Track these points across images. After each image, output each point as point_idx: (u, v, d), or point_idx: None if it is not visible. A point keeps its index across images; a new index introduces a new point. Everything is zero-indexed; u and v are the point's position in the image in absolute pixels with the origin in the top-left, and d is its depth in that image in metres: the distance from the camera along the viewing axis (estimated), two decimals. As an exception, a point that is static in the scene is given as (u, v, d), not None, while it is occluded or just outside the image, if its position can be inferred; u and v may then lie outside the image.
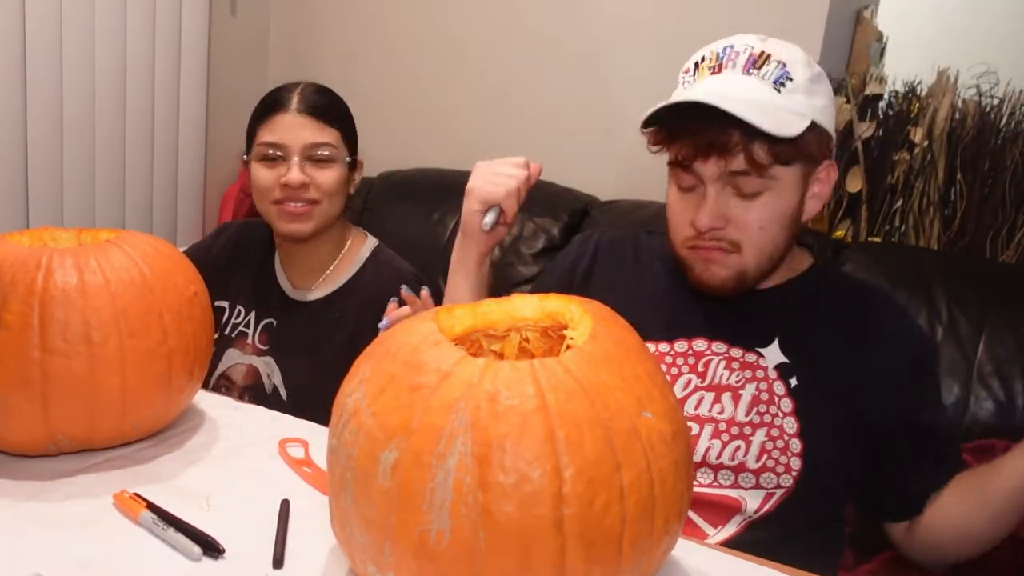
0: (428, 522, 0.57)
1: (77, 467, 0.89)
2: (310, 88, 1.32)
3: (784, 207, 0.95)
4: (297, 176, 1.26)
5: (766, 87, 0.91)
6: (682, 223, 0.97)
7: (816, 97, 0.93)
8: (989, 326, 1.53)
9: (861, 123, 1.80)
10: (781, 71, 0.91)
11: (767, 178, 0.92)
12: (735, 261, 0.96)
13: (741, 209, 0.94)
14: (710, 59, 0.95)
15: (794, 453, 0.95)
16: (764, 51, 0.93)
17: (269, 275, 1.41)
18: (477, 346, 0.76)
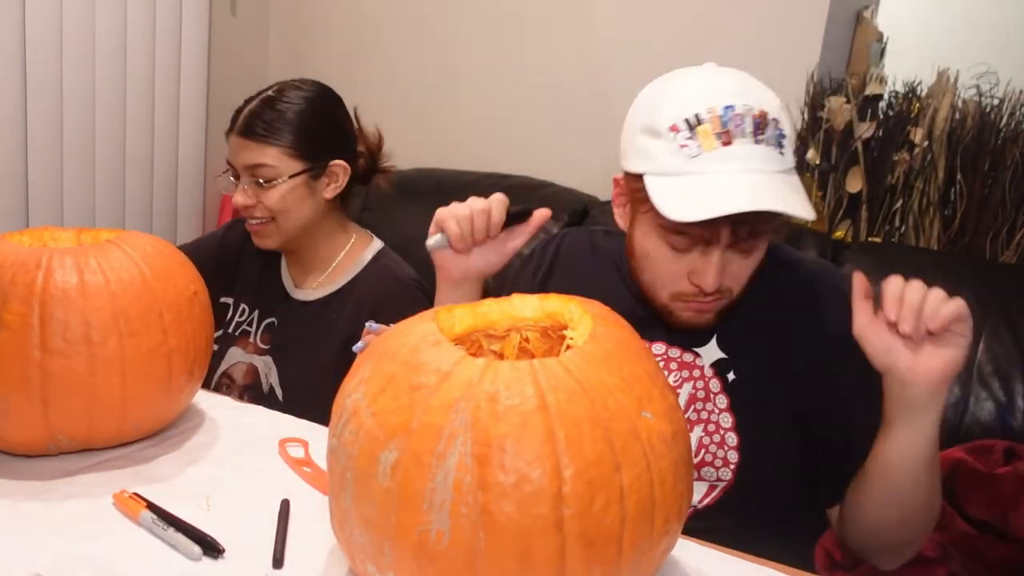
0: (428, 522, 0.57)
1: (77, 467, 0.89)
2: (261, 103, 1.28)
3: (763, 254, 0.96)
4: (239, 199, 1.28)
5: (774, 154, 0.88)
6: (675, 279, 0.95)
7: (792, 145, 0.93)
8: (989, 326, 1.53)
9: (861, 123, 1.80)
10: (777, 130, 0.89)
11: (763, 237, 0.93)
12: (724, 303, 0.96)
13: (739, 264, 0.93)
14: (712, 124, 0.88)
15: (731, 447, 0.97)
16: (761, 111, 0.89)
17: (274, 274, 1.41)
18: (477, 346, 0.76)
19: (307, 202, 1.30)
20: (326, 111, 1.33)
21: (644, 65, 2.05)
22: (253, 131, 1.26)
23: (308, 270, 1.38)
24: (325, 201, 1.32)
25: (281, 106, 1.28)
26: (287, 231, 1.30)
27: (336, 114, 1.35)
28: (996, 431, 1.46)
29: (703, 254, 0.91)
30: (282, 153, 1.26)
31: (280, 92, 1.30)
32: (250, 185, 1.27)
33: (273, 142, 1.26)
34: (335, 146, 1.32)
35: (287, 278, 1.40)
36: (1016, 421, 1.47)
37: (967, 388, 1.51)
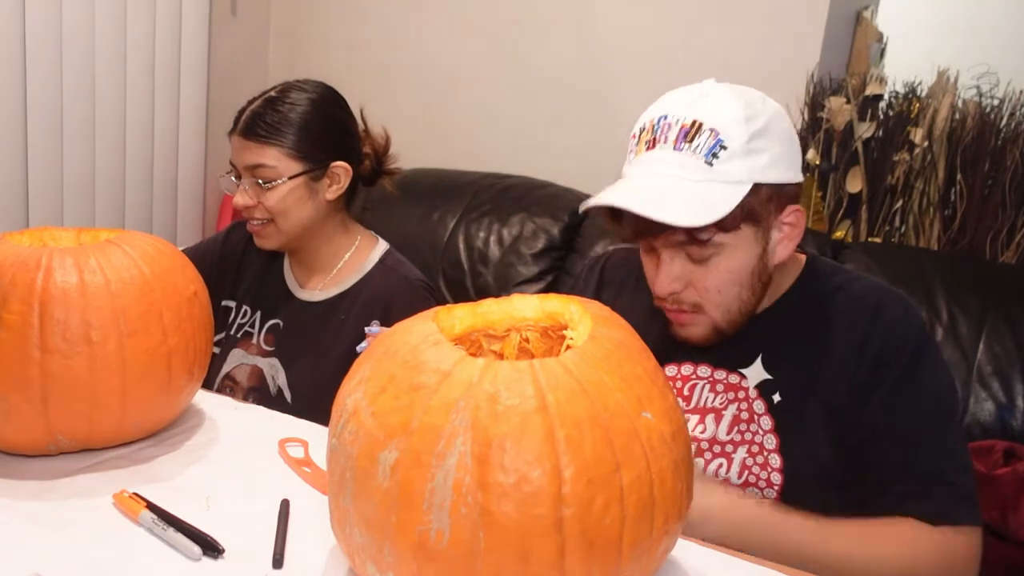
0: (428, 522, 0.57)
1: (77, 467, 0.89)
2: (263, 103, 1.28)
3: (740, 267, 0.94)
4: (240, 199, 1.28)
5: (697, 162, 0.89)
6: (650, 280, 0.98)
7: (758, 156, 0.91)
8: (989, 326, 1.53)
9: (861, 123, 1.80)
10: (714, 141, 0.89)
11: (713, 246, 0.92)
12: (702, 320, 0.96)
13: (697, 274, 0.94)
14: (647, 131, 0.93)
15: (774, 468, 0.95)
16: (696, 120, 0.90)
17: (277, 275, 1.41)
18: (477, 346, 0.76)
19: (307, 203, 1.30)
20: (329, 112, 1.32)
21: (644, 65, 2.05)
22: (254, 132, 1.26)
23: (312, 271, 1.38)
24: (327, 202, 1.32)
25: (283, 107, 1.27)
26: (287, 232, 1.30)
27: (339, 115, 1.35)
28: (996, 431, 1.46)
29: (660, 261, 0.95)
30: (282, 154, 1.26)
31: (283, 93, 1.29)
32: (251, 186, 1.27)
33: (274, 143, 1.26)
34: (337, 148, 1.32)
35: (291, 279, 1.40)
36: (1016, 421, 1.47)
37: (967, 388, 1.51)
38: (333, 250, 1.37)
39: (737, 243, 0.93)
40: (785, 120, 0.95)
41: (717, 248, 0.92)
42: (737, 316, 0.97)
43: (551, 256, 1.98)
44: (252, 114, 1.27)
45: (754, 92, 0.95)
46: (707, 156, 0.89)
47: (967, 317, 1.55)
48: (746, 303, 0.96)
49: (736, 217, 0.90)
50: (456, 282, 2.03)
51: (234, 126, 1.29)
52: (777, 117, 0.93)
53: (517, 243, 2.00)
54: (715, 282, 0.94)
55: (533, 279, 1.96)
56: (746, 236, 0.93)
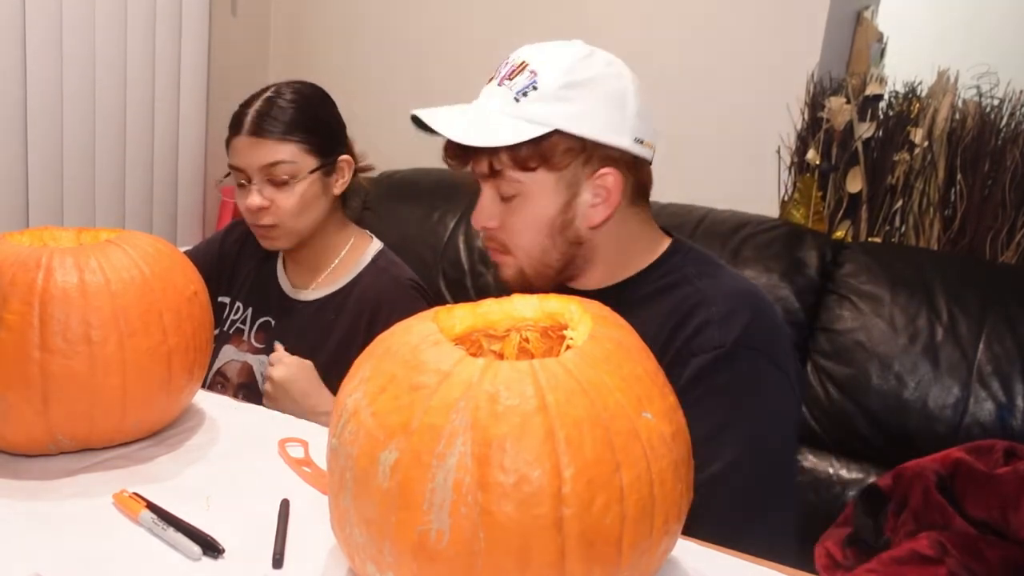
0: (428, 522, 0.57)
1: (77, 467, 0.89)
2: (265, 102, 1.28)
3: (541, 213, 0.99)
4: (255, 200, 1.26)
5: (505, 99, 0.96)
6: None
7: (566, 104, 0.95)
8: (989, 326, 1.53)
9: (861, 123, 1.80)
10: (529, 81, 0.95)
11: (511, 180, 0.97)
12: (511, 262, 1.02)
13: (504, 213, 1.00)
14: (493, 72, 1.01)
15: None
16: (524, 62, 0.97)
17: (270, 273, 1.41)
18: (477, 346, 0.76)
19: (320, 200, 1.30)
20: (326, 107, 1.34)
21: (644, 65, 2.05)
22: (266, 129, 1.25)
23: (307, 270, 1.38)
24: (334, 198, 1.33)
25: (285, 103, 1.27)
26: (297, 232, 1.30)
27: (334, 110, 1.36)
28: (996, 431, 1.46)
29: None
30: (299, 150, 1.26)
31: (278, 92, 1.29)
32: (265, 187, 1.26)
33: (289, 138, 1.26)
34: (339, 141, 1.33)
35: (283, 278, 1.40)
36: (1016, 421, 1.47)
37: (967, 388, 1.51)
38: (328, 249, 1.36)
39: (535, 188, 0.98)
40: (621, 85, 0.97)
41: (518, 188, 0.97)
42: (540, 266, 1.01)
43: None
44: (258, 113, 1.26)
45: (608, 56, 0.99)
46: (517, 93, 0.95)
47: (967, 317, 1.55)
48: (548, 254, 1.00)
49: (529, 156, 0.95)
50: (456, 282, 2.03)
51: (237, 129, 1.28)
52: (610, 79, 0.96)
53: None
54: (517, 224, 0.99)
55: (533, 279, 1.96)
56: (544, 182, 0.97)
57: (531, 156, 0.95)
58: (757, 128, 1.94)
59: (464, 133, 0.95)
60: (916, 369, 1.53)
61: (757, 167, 1.96)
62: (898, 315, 1.59)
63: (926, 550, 1.23)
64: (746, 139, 1.95)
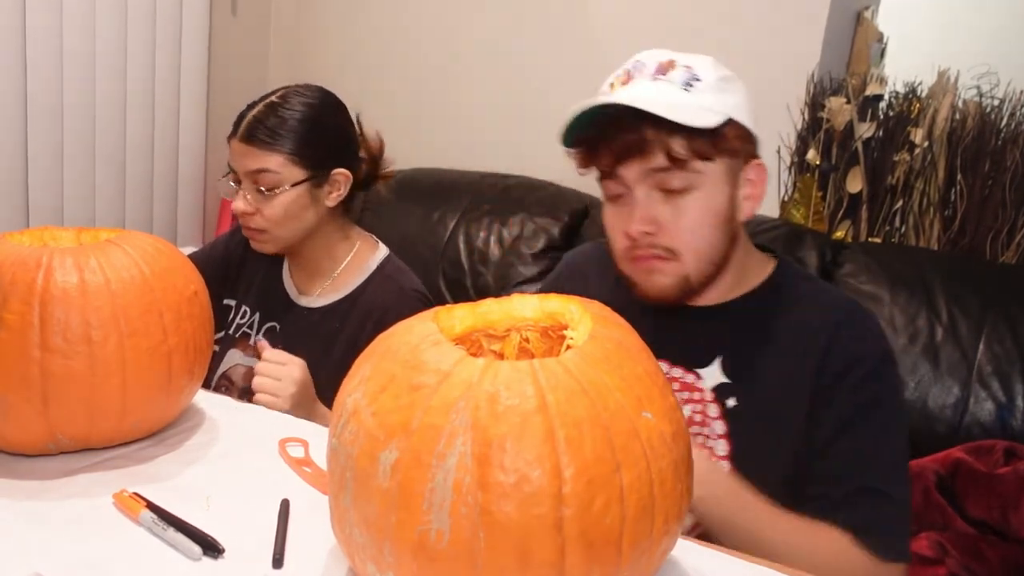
0: (428, 522, 0.57)
1: (77, 467, 0.89)
2: (265, 108, 1.27)
3: (714, 206, 0.95)
4: (240, 205, 1.27)
5: (675, 89, 0.92)
6: (617, 234, 0.98)
7: (728, 95, 0.94)
8: (989, 326, 1.53)
9: (861, 123, 1.81)
10: (688, 74, 0.93)
11: (690, 172, 0.92)
12: (674, 268, 0.95)
13: (671, 213, 0.94)
14: (621, 76, 0.97)
15: (721, 455, 0.95)
16: (671, 59, 0.94)
17: (276, 278, 1.41)
18: (477, 346, 0.76)
19: (308, 211, 1.29)
20: (330, 118, 1.31)
21: (644, 65, 2.01)
22: (257, 137, 1.25)
23: (311, 276, 1.38)
24: (327, 209, 1.31)
25: (285, 112, 1.26)
26: (285, 239, 1.30)
27: (339, 121, 1.34)
28: (996, 431, 1.47)
29: (633, 203, 0.95)
30: (286, 160, 1.25)
31: (284, 98, 1.28)
32: (251, 192, 1.26)
33: (277, 149, 1.24)
34: (338, 154, 1.31)
35: (289, 284, 1.40)
36: (1016, 421, 1.47)
37: (967, 388, 1.51)
38: (332, 256, 1.36)
39: (710, 179, 0.94)
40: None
41: (693, 181, 0.93)
42: (707, 266, 0.96)
43: (551, 256, 1.98)
44: (254, 119, 1.26)
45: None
46: (684, 85, 0.92)
47: (967, 317, 1.55)
48: (716, 251, 0.96)
49: (713, 145, 0.92)
50: (456, 282, 2.03)
51: (234, 131, 1.28)
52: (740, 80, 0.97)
53: (517, 243, 2.00)
54: (689, 222, 0.94)
55: (533, 279, 1.96)
56: (718, 173, 0.94)
57: (712, 144, 0.92)
58: (757, 128, 1.94)
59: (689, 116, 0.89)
60: (916, 369, 1.53)
61: (757, 167, 1.96)
62: (898, 315, 1.59)
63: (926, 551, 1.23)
64: (746, 139, 1.95)
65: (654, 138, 0.91)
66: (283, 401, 1.12)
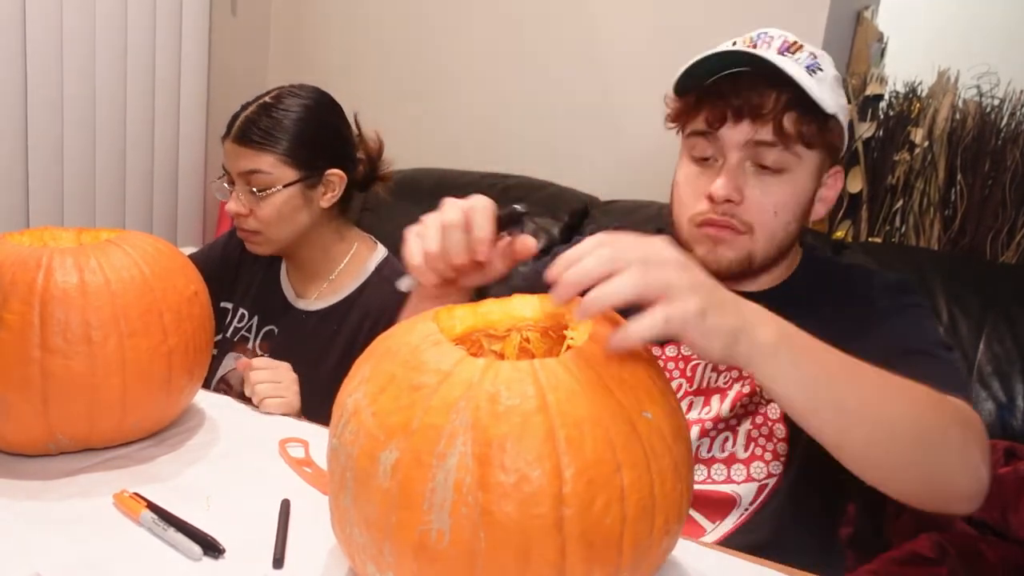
0: (428, 522, 0.57)
1: (77, 467, 0.89)
2: (258, 108, 1.27)
3: (800, 193, 0.94)
4: (233, 206, 1.27)
5: (801, 70, 0.90)
6: (694, 196, 0.95)
7: (839, 95, 0.93)
8: (989, 326, 1.54)
9: (861, 123, 1.80)
10: (813, 60, 0.92)
11: (791, 154, 0.91)
12: (744, 243, 0.94)
13: (759, 189, 0.92)
14: (744, 41, 0.95)
15: (779, 439, 0.95)
16: (797, 41, 0.94)
17: (274, 281, 1.40)
18: (477, 346, 0.76)
19: (302, 212, 1.29)
20: (324, 119, 1.31)
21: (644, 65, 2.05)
22: (249, 138, 1.24)
23: (309, 278, 1.37)
24: (321, 210, 1.31)
25: (278, 113, 1.26)
26: (278, 240, 1.30)
27: (334, 122, 1.33)
28: (996, 431, 1.47)
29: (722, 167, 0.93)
30: (278, 161, 1.25)
31: (278, 99, 1.28)
32: (245, 193, 1.26)
33: (269, 149, 1.24)
34: (332, 155, 1.31)
35: (287, 286, 1.39)
36: (1016, 421, 1.47)
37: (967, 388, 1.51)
38: (329, 257, 1.35)
39: (806, 165, 0.93)
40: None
41: (788, 163, 0.92)
42: (775, 250, 0.96)
43: (551, 256, 1.98)
44: (247, 120, 1.25)
45: None
46: (808, 69, 0.90)
47: (967, 317, 1.55)
48: (788, 236, 0.96)
49: (819, 134, 0.91)
50: (456, 282, 2.02)
51: (228, 131, 1.28)
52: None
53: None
54: (775, 200, 0.92)
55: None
56: (811, 164, 0.94)
57: (819, 132, 0.91)
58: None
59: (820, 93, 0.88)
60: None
61: (757, 167, 1.96)
62: (898, 315, 1.59)
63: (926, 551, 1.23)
64: (746, 139, 1.95)
65: (774, 106, 0.89)
66: (292, 399, 1.11)
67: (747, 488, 0.95)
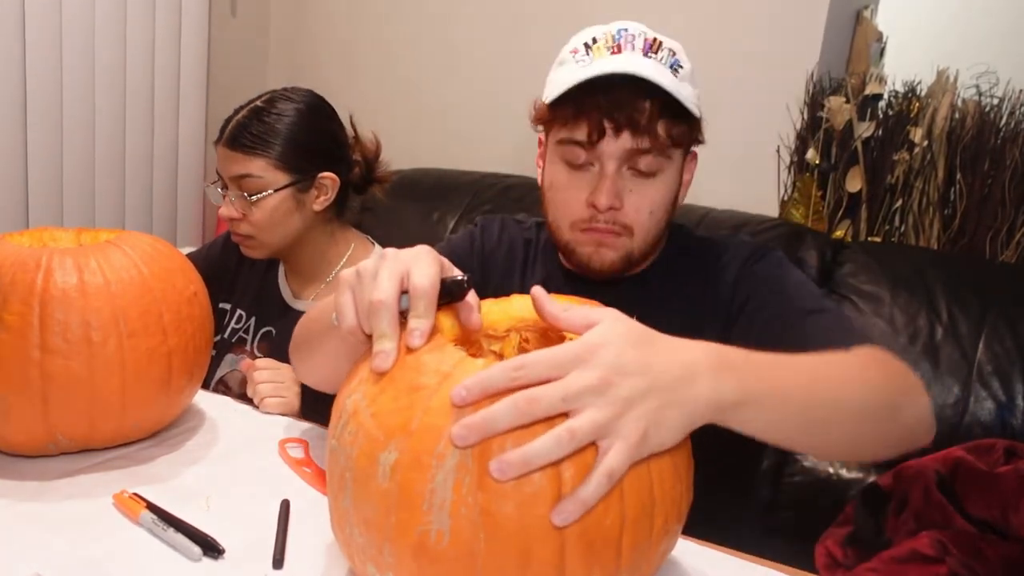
0: (428, 523, 0.57)
1: (77, 467, 0.89)
2: (249, 113, 1.27)
3: (670, 191, 0.98)
4: (225, 211, 1.28)
5: (665, 70, 0.92)
6: (574, 203, 0.97)
7: (695, 87, 0.97)
8: (989, 326, 1.54)
9: (861, 123, 1.80)
10: (673, 58, 0.95)
11: (664, 157, 0.95)
12: (624, 244, 0.98)
13: (636, 193, 0.96)
14: (605, 39, 0.96)
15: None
16: (656, 38, 0.96)
17: (272, 282, 1.40)
18: (477, 347, 0.76)
19: (294, 215, 1.29)
20: (315, 122, 1.30)
21: (644, 65, 1.99)
22: (240, 142, 1.24)
23: (306, 279, 1.37)
24: (314, 213, 1.31)
25: (269, 117, 1.26)
26: (272, 245, 1.30)
27: (326, 125, 1.33)
28: (996, 430, 1.47)
29: (600, 174, 0.95)
30: (269, 165, 1.25)
31: (269, 103, 1.28)
32: (237, 198, 1.26)
33: (259, 153, 1.24)
34: (324, 158, 1.30)
35: (285, 288, 1.39)
36: (1016, 420, 1.47)
37: (967, 388, 1.51)
38: (325, 259, 1.35)
39: (674, 165, 0.97)
40: None
41: (662, 165, 0.95)
42: (648, 248, 1.00)
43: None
44: (238, 124, 1.26)
45: None
46: (671, 68, 0.93)
47: (967, 317, 1.55)
48: (660, 231, 1.00)
49: (686, 133, 0.95)
50: (456, 282, 2.02)
51: (220, 136, 1.28)
52: None
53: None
54: (649, 202, 0.96)
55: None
56: (679, 160, 0.98)
57: (686, 132, 0.95)
58: (757, 128, 1.94)
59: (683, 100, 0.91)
60: (916, 368, 1.53)
61: (757, 167, 1.96)
62: (898, 314, 1.59)
63: (927, 549, 1.23)
64: (746, 139, 1.95)
65: (649, 117, 0.92)
66: (293, 399, 1.11)
67: None
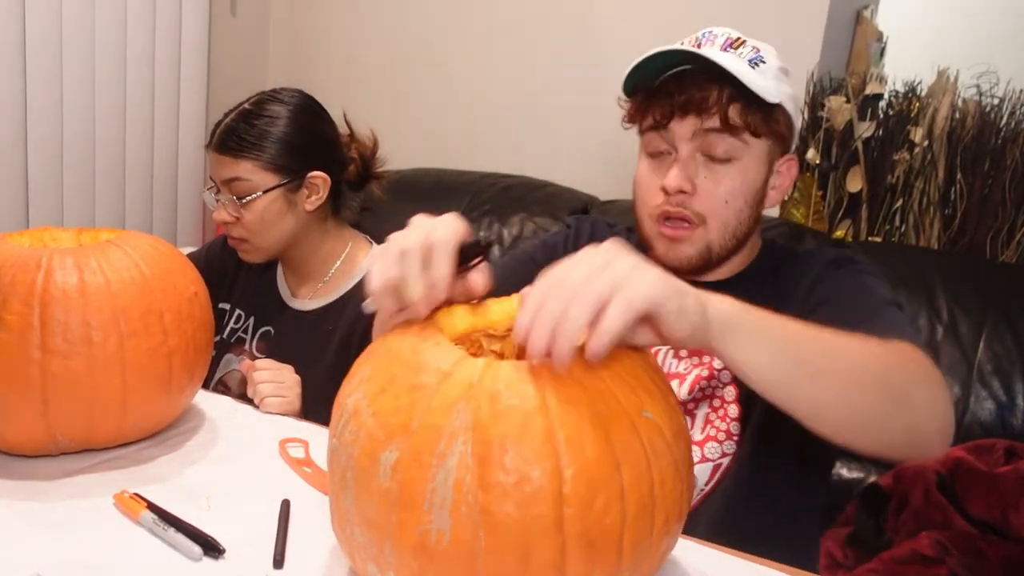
0: (428, 522, 0.57)
1: (77, 467, 0.89)
2: (237, 116, 1.27)
3: (751, 181, 0.98)
4: (218, 214, 1.27)
5: (743, 64, 0.94)
6: (651, 190, 0.99)
7: (784, 85, 0.97)
8: (989, 326, 1.54)
9: (861, 123, 1.80)
10: (756, 54, 0.96)
11: (739, 141, 0.95)
12: (700, 235, 0.98)
13: (710, 179, 0.96)
14: (690, 40, 1.00)
15: (732, 418, 0.97)
16: (740, 37, 0.98)
17: (270, 282, 1.40)
18: (477, 346, 0.76)
19: (286, 216, 1.28)
20: (304, 122, 1.30)
21: (644, 65, 2.00)
22: (228, 146, 1.25)
23: (304, 279, 1.37)
24: (307, 213, 1.31)
25: (257, 120, 1.26)
26: (267, 247, 1.30)
27: (315, 124, 1.32)
28: (996, 430, 1.47)
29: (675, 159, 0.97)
30: (256, 167, 1.24)
31: (257, 104, 1.28)
32: (229, 201, 1.26)
33: (247, 156, 1.24)
34: (314, 158, 1.30)
35: (283, 287, 1.39)
36: (1016, 420, 1.47)
37: (967, 388, 1.51)
38: (322, 258, 1.35)
39: (754, 153, 0.97)
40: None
41: (737, 151, 0.96)
42: (731, 240, 0.99)
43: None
44: (226, 128, 1.26)
45: None
46: (751, 62, 0.94)
47: (967, 316, 1.55)
48: (742, 225, 0.99)
49: (765, 123, 0.95)
50: (456, 282, 2.02)
51: (210, 140, 1.28)
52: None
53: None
54: (726, 189, 0.96)
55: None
56: (760, 153, 0.97)
57: (765, 121, 0.95)
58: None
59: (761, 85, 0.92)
60: (916, 368, 1.53)
61: (757, 167, 1.96)
62: (898, 314, 1.59)
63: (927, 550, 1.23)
64: (746, 139, 1.95)
65: (717, 99, 0.94)
66: (293, 399, 1.12)
67: (702, 468, 0.97)
